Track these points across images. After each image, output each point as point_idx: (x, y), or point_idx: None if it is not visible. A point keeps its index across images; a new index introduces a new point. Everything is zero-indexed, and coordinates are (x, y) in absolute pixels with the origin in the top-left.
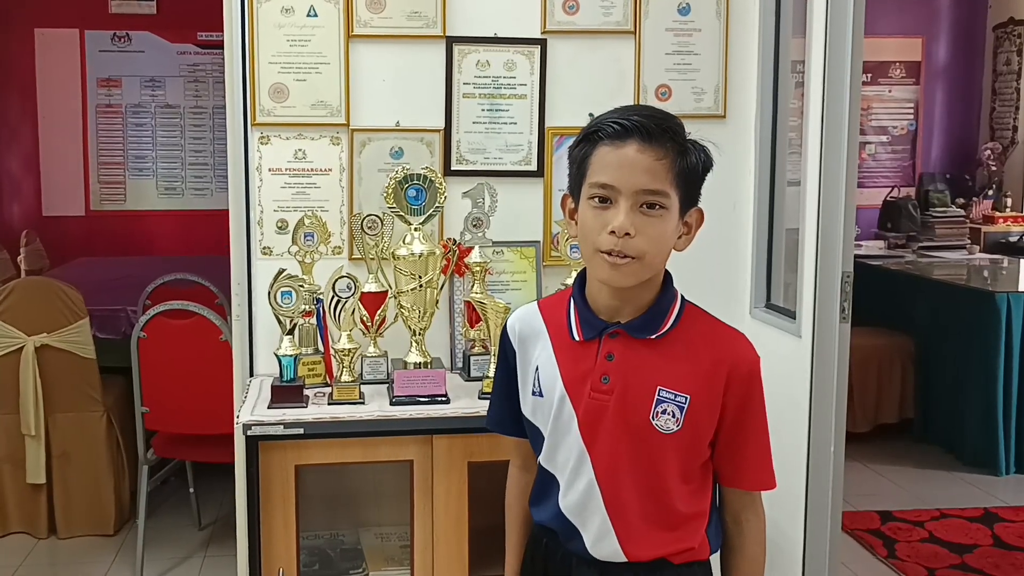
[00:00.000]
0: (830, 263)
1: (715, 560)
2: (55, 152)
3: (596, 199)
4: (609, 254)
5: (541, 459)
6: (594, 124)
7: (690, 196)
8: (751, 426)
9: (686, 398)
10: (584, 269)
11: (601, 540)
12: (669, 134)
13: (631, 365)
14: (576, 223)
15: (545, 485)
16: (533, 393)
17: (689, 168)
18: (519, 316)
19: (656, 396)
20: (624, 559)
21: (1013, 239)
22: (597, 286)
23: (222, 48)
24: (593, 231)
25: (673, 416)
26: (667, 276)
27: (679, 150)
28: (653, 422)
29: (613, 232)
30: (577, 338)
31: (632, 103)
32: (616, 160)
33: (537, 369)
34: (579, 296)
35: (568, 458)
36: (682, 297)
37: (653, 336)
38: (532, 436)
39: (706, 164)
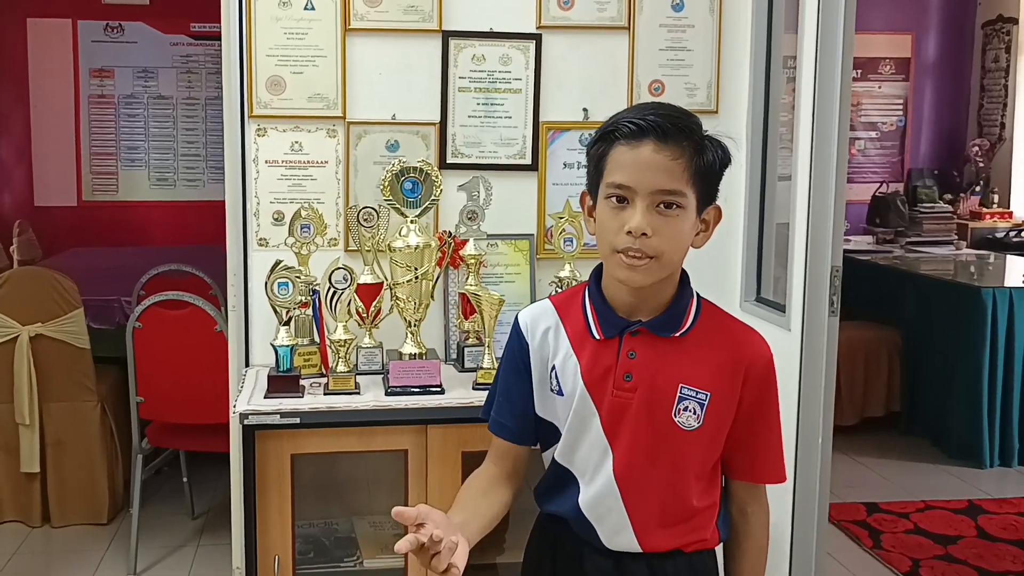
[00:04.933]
0: (819, 257)
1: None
2: (47, 142)
3: (613, 199)
4: (626, 254)
5: (557, 456)
6: (611, 123)
7: (708, 194)
8: (765, 421)
9: (707, 395)
10: (599, 265)
11: (617, 534)
12: (685, 133)
13: (654, 363)
14: (594, 221)
15: (559, 480)
16: (551, 391)
17: (706, 166)
18: (532, 313)
19: (678, 394)
20: (639, 550)
21: (999, 235)
22: (615, 284)
23: (215, 39)
24: (610, 231)
25: (694, 413)
26: (684, 274)
27: (696, 148)
28: (675, 419)
29: (630, 232)
30: (597, 336)
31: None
32: (632, 160)
33: (555, 368)
34: (596, 293)
35: (589, 455)
36: (697, 294)
37: (676, 334)
38: (545, 432)
39: (724, 161)
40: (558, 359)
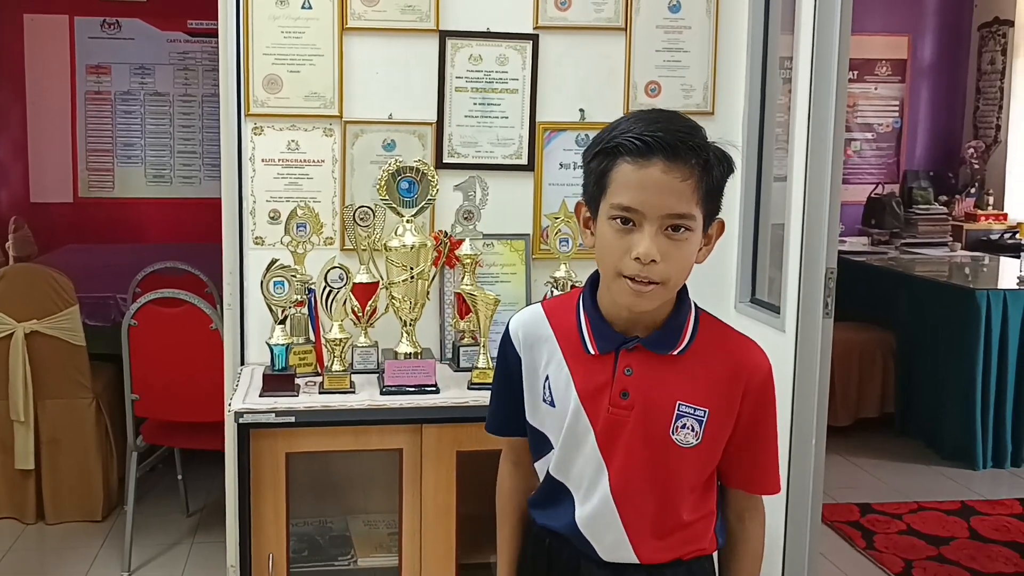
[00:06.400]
0: (814, 259)
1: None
2: (44, 139)
3: (618, 220)
4: (633, 280)
5: (551, 469)
6: (612, 136)
7: (713, 210)
8: (763, 434)
9: (705, 412)
10: (595, 273)
11: (615, 549)
12: (694, 151)
13: (650, 380)
14: (591, 233)
15: (554, 493)
16: (544, 401)
17: (715, 184)
18: (523, 321)
19: (676, 411)
20: (637, 562)
21: (994, 237)
22: (612, 300)
23: (212, 36)
24: (615, 255)
25: (692, 430)
26: (683, 288)
27: (704, 167)
28: (673, 437)
29: (638, 258)
30: (592, 351)
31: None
32: (639, 181)
33: (547, 378)
34: (591, 306)
35: (584, 471)
36: (696, 307)
37: (674, 352)
38: (536, 441)
39: (729, 172)
40: (551, 369)
